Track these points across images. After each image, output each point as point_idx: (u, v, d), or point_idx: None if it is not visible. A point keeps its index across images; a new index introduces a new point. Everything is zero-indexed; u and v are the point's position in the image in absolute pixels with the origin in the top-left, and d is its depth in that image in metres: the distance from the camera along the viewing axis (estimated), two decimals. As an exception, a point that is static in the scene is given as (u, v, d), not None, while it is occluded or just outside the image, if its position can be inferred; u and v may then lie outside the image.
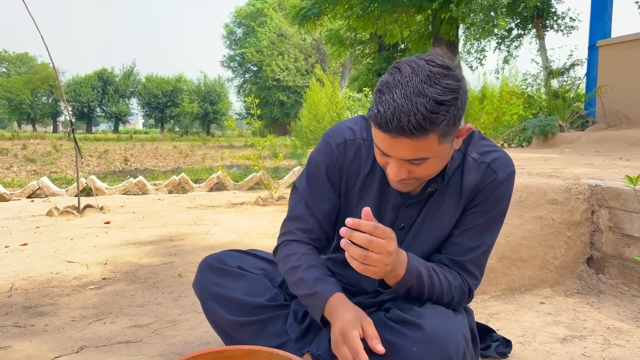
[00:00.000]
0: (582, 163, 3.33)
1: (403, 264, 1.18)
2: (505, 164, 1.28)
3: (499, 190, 1.27)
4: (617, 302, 2.07)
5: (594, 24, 6.84)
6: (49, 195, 5.52)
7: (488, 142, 1.33)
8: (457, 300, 1.29)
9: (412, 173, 1.14)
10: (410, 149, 1.07)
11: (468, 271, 1.30)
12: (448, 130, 1.07)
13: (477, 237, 1.29)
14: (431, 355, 1.13)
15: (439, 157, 1.13)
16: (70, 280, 2.48)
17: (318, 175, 1.38)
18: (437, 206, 1.30)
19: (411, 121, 1.02)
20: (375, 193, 1.34)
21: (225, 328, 1.48)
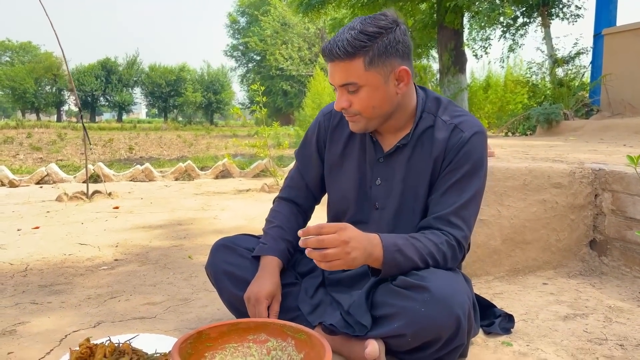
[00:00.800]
0: (586, 149, 3.36)
1: (377, 246, 1.27)
2: (472, 125, 1.40)
3: (466, 147, 1.37)
4: (618, 282, 2.12)
5: (599, 12, 6.83)
6: (57, 182, 5.58)
7: (458, 108, 1.46)
8: (449, 256, 1.34)
9: (352, 104, 1.34)
10: (340, 72, 1.30)
11: (452, 224, 1.36)
12: (373, 59, 1.28)
13: (456, 193, 1.37)
14: (439, 314, 1.19)
15: (371, 87, 1.31)
16: (83, 261, 2.54)
17: (308, 143, 1.62)
18: (412, 163, 1.43)
19: (338, 45, 1.27)
20: (356, 153, 1.51)
21: (238, 305, 1.55)
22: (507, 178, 2.20)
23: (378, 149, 1.48)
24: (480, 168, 1.39)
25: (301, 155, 1.65)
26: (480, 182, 1.40)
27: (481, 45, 10.08)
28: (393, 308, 1.28)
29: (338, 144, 1.54)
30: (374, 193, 1.49)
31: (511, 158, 2.58)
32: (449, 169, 1.38)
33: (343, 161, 1.54)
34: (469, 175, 1.37)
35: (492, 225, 2.18)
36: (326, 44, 1.31)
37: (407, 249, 1.29)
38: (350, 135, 1.52)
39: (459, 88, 10.33)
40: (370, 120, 1.38)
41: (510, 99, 10.84)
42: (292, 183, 1.66)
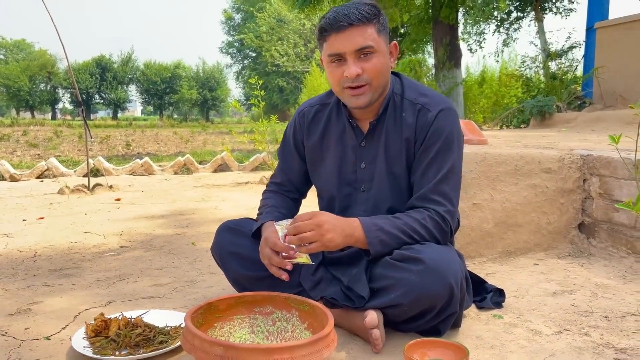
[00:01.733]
0: (576, 139, 3.46)
1: (357, 227, 1.38)
2: (438, 102, 1.49)
3: (434, 125, 1.45)
4: (606, 262, 2.21)
5: (591, 6, 6.92)
6: (57, 176, 5.64)
7: (424, 87, 1.56)
8: (435, 230, 1.42)
9: (365, 71, 1.40)
10: (359, 36, 1.37)
11: (433, 200, 1.44)
12: (381, 29, 1.41)
13: (432, 171, 1.45)
14: (433, 284, 1.28)
15: (381, 54, 1.41)
16: (89, 248, 2.61)
17: (286, 141, 1.71)
18: (387, 144, 1.52)
19: (354, 13, 1.37)
20: (336, 141, 1.59)
21: (243, 283, 1.63)
22: (499, 164, 2.29)
23: (359, 134, 1.56)
24: (451, 143, 1.46)
25: (282, 154, 1.74)
26: (455, 155, 1.47)
27: (476, 39, 10.19)
28: (390, 280, 1.37)
29: (315, 137, 1.62)
30: (360, 176, 1.57)
31: (504, 145, 2.67)
32: (422, 149, 1.47)
33: (323, 152, 1.62)
34: (442, 151, 1.45)
35: (485, 209, 2.27)
36: (333, 15, 1.39)
37: (388, 227, 1.39)
38: (326, 126, 1.61)
39: (454, 82, 10.42)
40: (375, 91, 1.45)
41: (505, 93, 10.94)
42: (277, 180, 1.76)
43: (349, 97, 1.46)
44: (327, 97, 1.65)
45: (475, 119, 11.75)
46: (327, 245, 1.35)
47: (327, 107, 1.63)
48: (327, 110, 1.62)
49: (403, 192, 1.53)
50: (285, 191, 1.74)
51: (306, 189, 1.77)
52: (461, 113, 10.54)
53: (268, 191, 1.77)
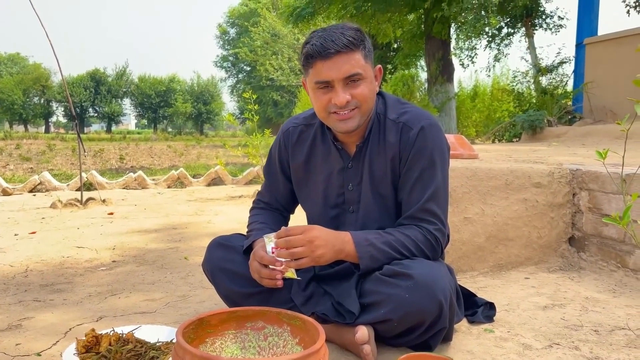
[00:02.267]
0: (566, 153, 3.50)
1: (348, 242, 1.40)
2: (420, 118, 1.49)
3: (417, 143, 1.46)
4: (596, 276, 2.23)
5: (581, 22, 7.04)
6: (50, 190, 5.62)
7: (406, 104, 1.56)
8: (426, 247, 1.43)
9: (354, 96, 1.40)
10: (347, 63, 1.37)
11: (423, 219, 1.45)
12: (367, 55, 1.41)
13: (420, 190, 1.46)
14: (422, 300, 1.29)
15: (369, 80, 1.42)
16: (81, 262, 2.60)
17: (271, 160, 1.72)
18: (373, 165, 1.52)
19: (342, 40, 1.35)
20: (321, 163, 1.59)
21: (234, 299, 1.63)
22: (490, 178, 2.31)
23: (345, 156, 1.56)
24: (435, 159, 1.47)
25: (267, 173, 1.74)
26: (440, 172, 1.48)
27: (468, 54, 10.30)
28: (380, 295, 1.38)
29: (300, 158, 1.62)
30: (347, 198, 1.57)
31: (494, 160, 2.70)
32: (407, 167, 1.47)
33: (309, 174, 1.63)
34: (427, 169, 1.46)
35: (476, 223, 2.29)
36: (319, 42, 1.36)
37: (379, 243, 1.40)
38: (311, 147, 1.61)
39: (447, 97, 10.52)
40: (363, 115, 1.45)
41: (497, 107, 11.04)
42: (264, 198, 1.76)
43: (336, 122, 1.45)
44: (312, 117, 1.64)
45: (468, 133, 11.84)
46: (317, 261, 1.37)
47: (311, 128, 1.63)
48: (312, 131, 1.62)
49: (391, 212, 1.54)
50: (273, 209, 1.76)
51: (293, 206, 1.79)
52: (454, 127, 10.62)
53: (256, 208, 1.78)
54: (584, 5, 7.07)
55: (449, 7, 7.95)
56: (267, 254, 1.43)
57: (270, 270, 1.43)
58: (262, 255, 1.43)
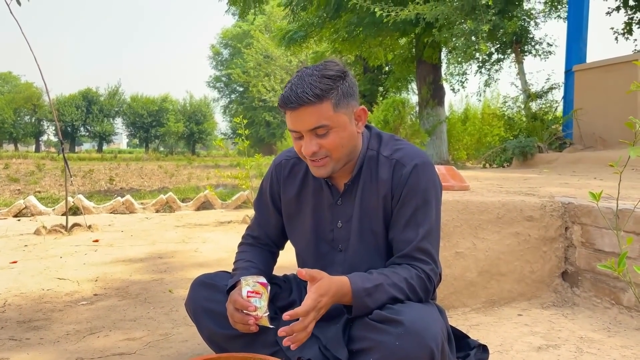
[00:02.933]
0: (558, 182, 3.48)
1: (347, 295, 1.32)
2: (413, 157, 1.44)
3: (410, 181, 1.41)
4: (590, 313, 2.18)
5: (569, 49, 7.12)
6: (35, 215, 5.52)
7: (400, 141, 1.51)
8: (420, 289, 1.38)
9: (322, 147, 1.36)
10: (311, 116, 1.32)
11: (417, 259, 1.40)
12: (339, 101, 1.34)
13: (413, 228, 1.41)
14: (412, 347, 1.23)
15: (340, 128, 1.36)
16: (62, 296, 2.52)
17: (262, 193, 1.66)
18: (363, 202, 1.47)
19: (306, 91, 1.30)
20: (311, 199, 1.55)
21: (218, 341, 1.56)
22: (481, 212, 2.27)
23: (335, 192, 1.52)
24: (429, 198, 1.43)
25: (258, 207, 1.69)
26: (433, 211, 1.44)
27: (458, 79, 10.39)
28: (369, 342, 1.32)
29: (292, 192, 1.58)
30: (336, 236, 1.52)
31: (485, 192, 2.66)
32: (399, 205, 1.43)
33: (300, 209, 1.57)
34: (421, 208, 1.42)
35: (468, 258, 2.24)
36: (287, 92, 1.33)
37: (376, 293, 1.34)
38: (302, 182, 1.56)
39: (438, 120, 10.58)
40: (337, 162, 1.42)
41: (487, 131, 11.11)
42: (254, 233, 1.69)
43: (311, 167, 1.44)
44: None
45: (459, 156, 11.89)
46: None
47: (303, 162, 1.59)
48: (304, 165, 1.57)
49: (381, 251, 1.49)
50: (262, 244, 1.69)
51: (283, 242, 1.72)
52: (445, 150, 10.66)
53: (245, 244, 1.71)
54: (572, 32, 7.16)
55: (439, 33, 8.03)
56: (242, 298, 1.37)
57: (243, 315, 1.37)
58: (236, 299, 1.38)
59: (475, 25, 7.20)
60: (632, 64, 5.69)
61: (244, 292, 1.39)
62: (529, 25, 8.65)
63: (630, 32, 8.46)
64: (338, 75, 1.35)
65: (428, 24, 8.19)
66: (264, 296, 1.41)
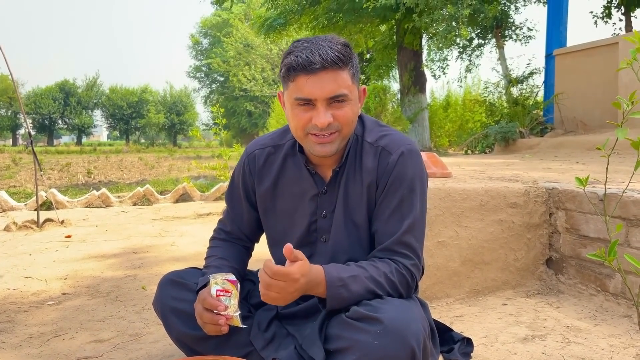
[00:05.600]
0: (540, 167, 3.43)
1: (321, 284, 1.23)
2: (399, 144, 1.36)
3: (396, 170, 1.33)
4: (575, 301, 2.13)
5: (550, 33, 7.09)
6: (7, 210, 5.33)
7: (385, 127, 1.43)
8: (401, 284, 1.30)
9: (336, 118, 1.26)
10: (332, 81, 1.22)
11: (399, 253, 1.32)
12: (355, 73, 1.28)
13: (397, 220, 1.33)
14: (392, 347, 1.15)
15: (354, 101, 1.28)
16: (28, 296, 2.39)
17: (234, 185, 1.55)
18: (348, 192, 1.38)
19: (330, 54, 1.21)
20: (291, 189, 1.44)
21: (187, 342, 1.46)
22: (464, 199, 2.20)
23: (319, 182, 1.42)
24: (415, 187, 1.35)
25: (230, 201, 1.57)
26: (419, 202, 1.35)
27: (439, 65, 10.33)
28: (346, 341, 1.23)
29: (268, 183, 1.47)
30: (320, 226, 1.43)
31: (468, 178, 2.59)
32: (384, 195, 1.34)
33: (276, 199, 1.48)
34: (406, 198, 1.33)
35: (450, 247, 2.18)
36: (306, 54, 1.21)
37: (352, 284, 1.24)
38: (279, 171, 1.46)
39: (420, 107, 10.52)
40: (343, 139, 1.32)
41: (469, 118, 11.11)
42: (226, 227, 1.59)
43: (313, 145, 1.30)
44: (280, 137, 1.49)
45: (441, 143, 11.88)
46: (283, 303, 1.21)
47: (280, 149, 1.47)
48: (281, 153, 1.46)
49: (364, 243, 1.40)
50: (235, 239, 1.58)
51: (258, 235, 1.62)
52: (427, 137, 10.63)
53: (216, 239, 1.60)
54: (552, 17, 7.12)
55: (419, 18, 7.94)
56: (211, 297, 1.28)
57: (213, 314, 1.27)
58: (205, 298, 1.28)
59: (455, 10, 7.13)
60: (612, 47, 5.68)
61: (213, 291, 1.30)
62: (509, 9, 8.62)
63: (609, 16, 8.48)
64: (351, 47, 1.29)
65: (408, 10, 8.10)
66: (233, 294, 1.31)
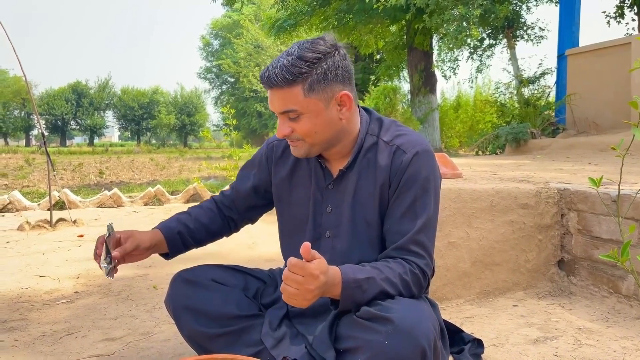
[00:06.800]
0: (552, 168, 3.40)
1: (337, 285, 1.22)
2: (414, 144, 1.36)
3: (410, 169, 1.33)
4: (587, 303, 2.12)
5: (562, 33, 7.03)
6: (20, 210, 5.40)
7: (402, 127, 1.43)
8: (414, 284, 1.30)
9: (294, 131, 1.31)
10: (280, 99, 1.27)
11: (412, 252, 1.31)
12: (312, 86, 1.26)
13: (410, 219, 1.32)
14: (403, 347, 1.15)
15: (312, 114, 1.29)
16: (41, 295, 2.42)
17: (249, 165, 1.62)
18: (359, 188, 1.39)
19: (276, 72, 1.24)
20: (305, 181, 1.47)
21: (199, 341, 1.48)
22: (474, 200, 2.19)
23: (327, 175, 1.44)
24: (428, 188, 1.34)
25: (241, 173, 1.64)
26: (432, 202, 1.35)
27: (450, 66, 10.28)
28: (356, 341, 1.23)
29: (283, 174, 1.51)
30: (324, 221, 1.44)
31: (479, 179, 2.58)
32: (397, 194, 1.34)
33: (291, 189, 1.50)
34: (419, 198, 1.33)
35: (461, 248, 2.17)
36: (264, 70, 1.28)
37: (367, 285, 1.24)
38: (295, 163, 1.49)
39: (430, 108, 10.49)
40: (313, 146, 1.34)
41: (480, 118, 11.05)
42: (226, 191, 1.66)
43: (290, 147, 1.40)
44: None
45: (452, 144, 11.83)
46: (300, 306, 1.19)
47: None
48: None
49: (373, 242, 1.40)
50: (225, 207, 1.62)
51: (244, 218, 1.65)
52: (437, 138, 10.59)
53: (212, 199, 1.66)
54: (564, 17, 7.07)
55: (430, 19, 7.91)
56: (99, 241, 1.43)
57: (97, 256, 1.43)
58: (97, 244, 1.44)
59: (466, 11, 7.10)
60: (625, 47, 5.62)
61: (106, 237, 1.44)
62: (520, 9, 8.56)
63: (622, 16, 8.39)
64: (316, 58, 1.26)
65: (419, 10, 8.07)
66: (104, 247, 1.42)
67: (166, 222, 1.57)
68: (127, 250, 1.45)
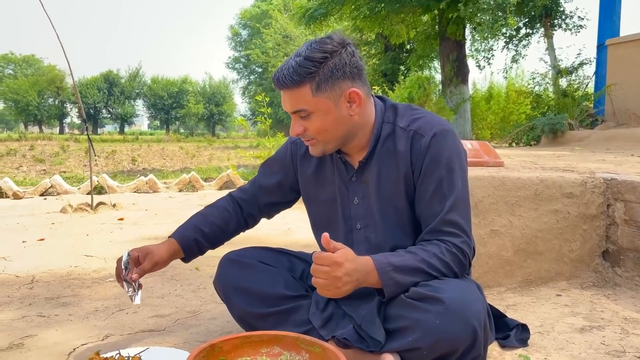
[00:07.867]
0: (594, 159, 3.34)
1: (372, 272, 1.25)
2: (431, 125, 1.36)
3: (430, 151, 1.34)
4: (633, 294, 2.09)
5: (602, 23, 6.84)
6: (61, 193, 5.57)
7: (417, 111, 1.43)
8: (454, 263, 1.31)
9: (307, 129, 1.34)
10: (290, 100, 1.31)
11: (446, 232, 1.32)
12: (320, 85, 1.28)
13: (439, 201, 1.33)
14: (454, 326, 1.17)
15: (321, 112, 1.31)
16: (89, 273, 2.51)
17: (273, 161, 1.64)
18: (382, 177, 1.40)
19: (284, 73, 1.28)
20: (330, 175, 1.49)
21: (249, 320, 1.52)
22: (518, 188, 2.18)
23: (349, 168, 1.46)
24: (454, 166, 1.34)
25: (263, 168, 1.66)
26: (459, 180, 1.35)
27: (484, 56, 10.10)
28: (407, 321, 1.25)
29: (309, 170, 1.53)
30: (354, 213, 1.46)
31: (521, 168, 2.56)
32: (422, 178, 1.35)
33: (318, 186, 1.52)
34: (445, 178, 1.33)
35: (503, 236, 2.16)
36: (275, 72, 1.32)
37: (404, 266, 1.26)
38: (319, 160, 1.51)
39: (462, 99, 10.35)
40: (327, 144, 1.37)
41: (513, 110, 10.84)
42: (245, 187, 1.68)
43: None
44: None
45: (483, 135, 11.65)
46: (338, 296, 1.25)
47: None
48: None
49: (406, 229, 1.41)
50: (244, 202, 1.64)
51: (263, 213, 1.69)
52: (469, 129, 10.45)
53: (229, 195, 1.68)
54: (605, 5, 6.87)
55: (465, 8, 7.79)
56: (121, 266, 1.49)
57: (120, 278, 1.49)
58: (118, 266, 1.50)
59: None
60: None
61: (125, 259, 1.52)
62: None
63: (666, 5, 8.10)
64: (323, 57, 1.28)
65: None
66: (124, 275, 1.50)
67: (182, 230, 1.60)
68: (145, 271, 1.51)
